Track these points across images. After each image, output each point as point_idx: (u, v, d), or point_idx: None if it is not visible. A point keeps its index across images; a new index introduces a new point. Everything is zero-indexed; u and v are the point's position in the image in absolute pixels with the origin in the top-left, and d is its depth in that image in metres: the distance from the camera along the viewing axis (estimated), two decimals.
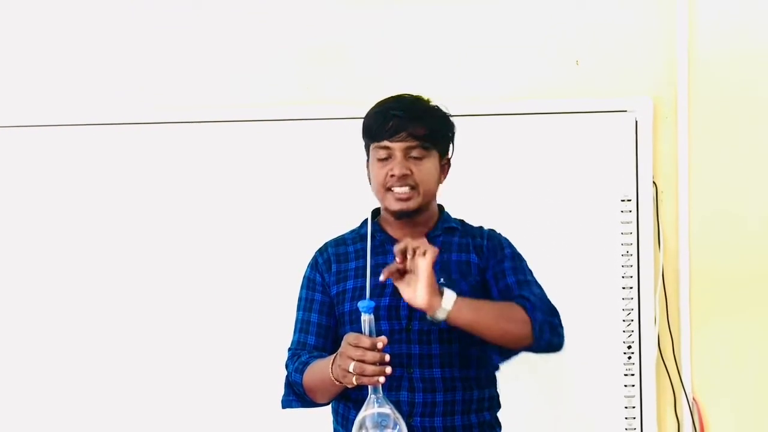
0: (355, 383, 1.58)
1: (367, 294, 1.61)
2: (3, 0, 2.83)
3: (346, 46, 2.74)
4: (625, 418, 2.58)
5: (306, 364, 1.83)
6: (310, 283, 1.96)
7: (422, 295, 1.63)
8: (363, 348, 1.56)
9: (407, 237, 1.87)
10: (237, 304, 2.66)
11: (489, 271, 1.91)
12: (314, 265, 1.97)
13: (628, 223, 2.59)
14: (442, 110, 1.90)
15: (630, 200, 2.59)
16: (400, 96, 1.89)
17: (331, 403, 1.90)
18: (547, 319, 1.80)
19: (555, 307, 1.87)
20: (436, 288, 1.65)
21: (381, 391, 1.56)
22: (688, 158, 2.62)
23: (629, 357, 2.58)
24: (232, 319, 2.66)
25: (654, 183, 2.61)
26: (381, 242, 1.91)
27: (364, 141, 1.93)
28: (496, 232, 1.99)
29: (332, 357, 1.67)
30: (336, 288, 1.91)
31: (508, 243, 1.97)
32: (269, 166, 2.69)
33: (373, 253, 1.86)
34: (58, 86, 2.81)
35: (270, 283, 2.62)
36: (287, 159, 2.68)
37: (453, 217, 1.99)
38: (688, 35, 2.62)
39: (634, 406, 2.57)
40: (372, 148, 1.87)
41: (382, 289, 1.83)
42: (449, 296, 1.66)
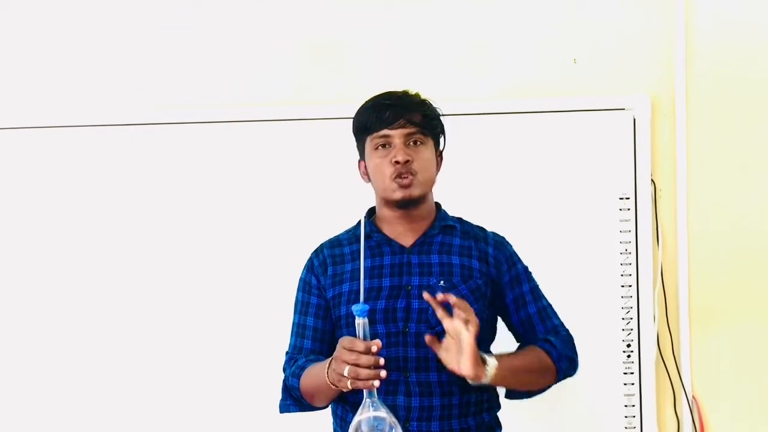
0: (350, 387, 1.58)
1: (361, 297, 1.61)
2: (3, 0, 2.83)
3: (343, 45, 2.73)
4: (625, 416, 2.57)
5: (302, 368, 1.83)
6: (305, 286, 1.95)
7: (467, 367, 1.65)
8: (357, 352, 1.56)
9: (404, 235, 1.90)
10: (236, 304, 2.66)
11: (507, 293, 1.92)
12: (310, 267, 1.96)
13: (626, 221, 2.58)
14: (433, 104, 1.92)
15: (628, 198, 2.59)
16: (387, 92, 1.91)
17: (331, 404, 1.90)
18: (570, 360, 1.89)
19: (571, 336, 1.94)
20: (479, 358, 1.67)
21: (376, 395, 1.56)
22: (687, 156, 2.61)
23: (629, 356, 2.58)
24: (230, 320, 2.66)
25: (652, 181, 2.60)
26: (377, 243, 1.90)
27: (357, 138, 1.92)
28: (501, 239, 1.98)
29: (328, 361, 1.67)
30: (332, 291, 1.90)
31: (517, 255, 1.97)
32: (269, 166, 2.68)
33: (369, 254, 1.88)
34: (57, 87, 2.81)
35: (267, 285, 2.61)
36: (287, 159, 2.68)
37: (450, 215, 1.99)
38: (686, 33, 2.61)
39: (633, 405, 2.57)
40: (369, 140, 1.87)
41: (378, 291, 1.84)
42: (492, 364, 1.69)
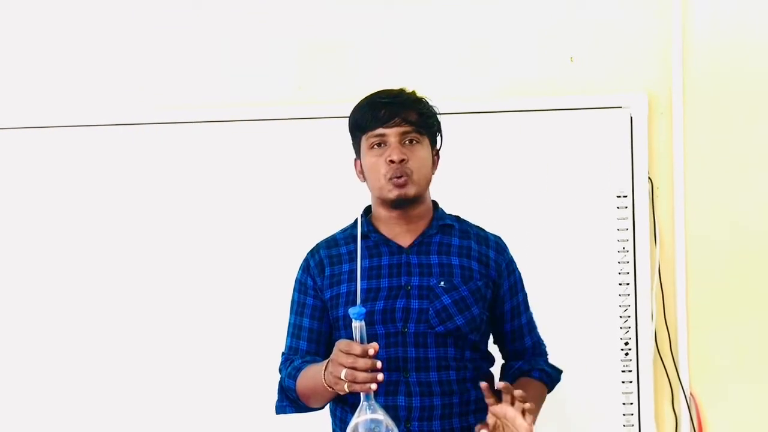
0: (347, 390, 1.57)
1: (358, 300, 1.59)
2: (3, 0, 2.84)
3: (343, 45, 2.73)
4: (623, 414, 2.58)
5: (299, 370, 1.82)
6: (301, 287, 1.94)
7: None
8: (354, 355, 1.55)
9: (402, 235, 1.89)
10: (236, 303, 2.67)
11: (506, 301, 1.94)
12: (306, 268, 1.94)
13: (624, 219, 2.59)
14: (429, 101, 1.90)
15: (626, 196, 2.59)
16: (383, 90, 1.89)
17: (329, 405, 1.90)
18: (557, 378, 1.99)
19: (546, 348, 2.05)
20: None
21: (373, 398, 1.55)
22: (684, 154, 2.61)
23: (626, 353, 2.58)
24: (230, 319, 2.67)
25: (650, 179, 2.60)
26: (375, 243, 1.89)
27: (352, 136, 1.91)
28: (502, 242, 1.98)
29: (325, 363, 1.66)
30: (330, 292, 1.89)
31: (514, 261, 1.98)
32: (269, 165, 2.69)
33: (367, 255, 1.87)
34: (57, 87, 2.81)
35: (266, 284, 2.62)
36: (287, 158, 2.69)
37: (448, 213, 1.98)
38: (683, 31, 2.61)
39: (631, 402, 2.58)
40: (364, 138, 1.85)
41: (377, 292, 1.84)
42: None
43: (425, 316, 1.82)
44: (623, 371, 2.58)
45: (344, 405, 1.86)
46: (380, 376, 1.54)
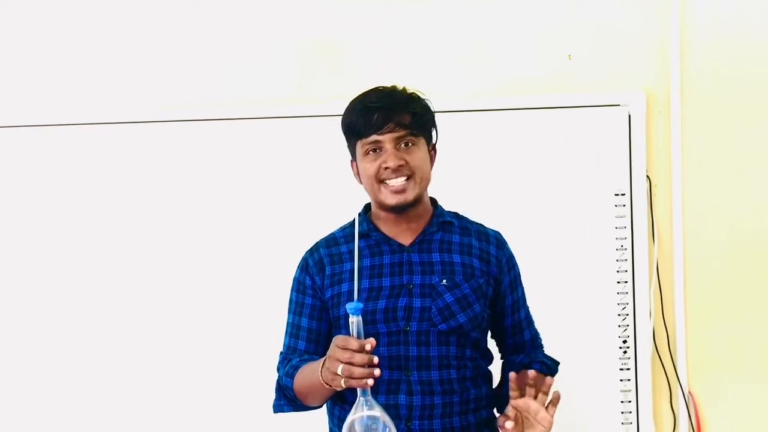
0: (343, 386, 1.56)
1: (355, 296, 1.59)
2: (3, 0, 2.84)
3: (343, 45, 2.73)
4: (621, 412, 2.58)
5: (296, 368, 1.81)
6: (300, 286, 1.93)
7: None
8: (351, 350, 1.54)
9: (402, 233, 1.88)
10: (233, 302, 2.67)
11: (507, 297, 1.94)
12: (304, 267, 1.92)
13: (622, 217, 2.59)
14: (421, 96, 1.86)
15: (624, 194, 2.59)
16: (374, 89, 1.86)
17: (327, 404, 1.89)
18: (555, 368, 1.98)
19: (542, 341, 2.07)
20: None
21: (370, 394, 1.54)
22: (682, 152, 2.61)
23: (625, 351, 2.58)
24: (228, 318, 2.67)
25: (648, 177, 2.61)
26: (376, 242, 1.88)
27: (346, 139, 1.88)
28: (502, 237, 1.97)
29: (322, 360, 1.66)
30: (330, 291, 1.87)
31: (514, 257, 1.98)
32: (269, 164, 2.69)
33: (368, 254, 1.86)
34: (57, 86, 2.82)
35: (264, 283, 2.62)
36: (287, 156, 2.69)
37: (447, 210, 1.96)
38: (681, 29, 2.61)
39: (630, 401, 2.58)
40: (359, 144, 1.83)
41: (378, 291, 1.83)
42: None
43: (428, 315, 1.81)
44: (621, 369, 2.58)
45: (343, 403, 1.84)
46: (377, 372, 1.53)
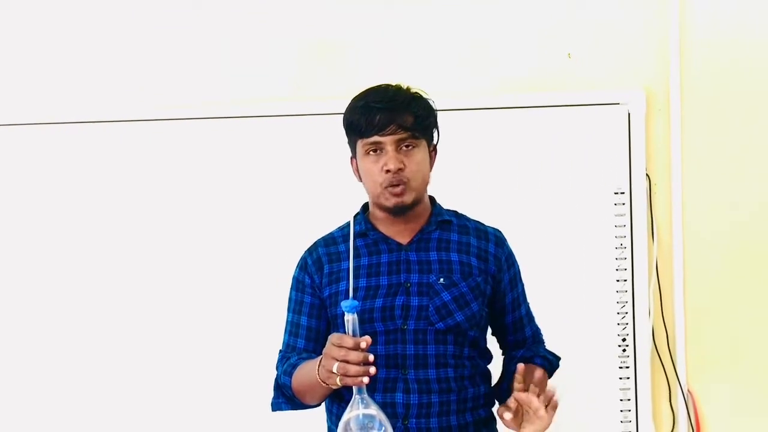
0: (339, 384, 1.56)
1: (350, 294, 1.59)
2: (3, 0, 2.85)
3: (343, 45, 2.74)
4: (621, 410, 2.58)
5: (294, 366, 1.81)
6: (299, 285, 1.93)
7: None
8: (346, 348, 1.54)
9: (401, 233, 1.88)
10: (232, 300, 2.68)
11: (507, 294, 1.94)
12: (303, 266, 1.93)
13: (621, 215, 2.59)
14: (424, 96, 1.85)
15: (623, 193, 2.59)
16: (377, 87, 1.85)
17: (326, 402, 1.89)
18: (556, 364, 1.99)
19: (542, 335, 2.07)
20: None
21: (366, 392, 1.54)
22: (681, 150, 2.61)
23: (624, 350, 2.58)
24: (227, 317, 2.67)
25: (647, 175, 2.61)
26: (374, 241, 1.88)
27: (347, 136, 1.88)
28: (501, 235, 1.96)
29: (319, 358, 1.65)
30: (329, 290, 1.87)
31: (513, 254, 1.97)
32: (269, 163, 2.69)
33: (366, 252, 1.86)
34: (58, 84, 2.82)
35: (263, 281, 2.62)
36: (286, 155, 2.69)
37: (445, 208, 1.96)
38: (681, 28, 2.61)
39: (629, 399, 2.58)
40: (360, 144, 1.82)
41: (376, 290, 1.83)
42: None
43: (425, 313, 1.81)
44: (621, 367, 2.58)
45: (341, 402, 1.84)
46: (372, 370, 1.53)
